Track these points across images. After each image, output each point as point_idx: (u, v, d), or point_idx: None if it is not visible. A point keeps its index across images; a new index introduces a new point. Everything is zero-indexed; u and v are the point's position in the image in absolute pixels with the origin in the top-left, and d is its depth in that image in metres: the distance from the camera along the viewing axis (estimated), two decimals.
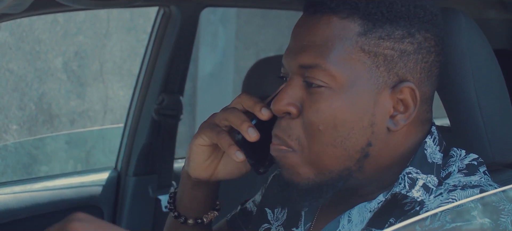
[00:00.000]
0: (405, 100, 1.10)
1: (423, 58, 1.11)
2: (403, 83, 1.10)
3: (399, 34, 1.09)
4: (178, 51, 2.35)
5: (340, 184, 1.12)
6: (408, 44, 1.09)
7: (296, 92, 1.12)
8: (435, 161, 1.14)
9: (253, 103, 1.17)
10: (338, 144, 1.10)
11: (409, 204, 1.11)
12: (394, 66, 1.09)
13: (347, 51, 1.09)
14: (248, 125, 1.15)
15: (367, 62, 1.09)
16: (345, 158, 1.11)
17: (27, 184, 2.36)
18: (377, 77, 1.09)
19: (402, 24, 1.09)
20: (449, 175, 1.13)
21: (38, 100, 4.34)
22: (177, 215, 1.28)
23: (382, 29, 1.09)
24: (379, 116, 1.10)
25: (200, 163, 1.22)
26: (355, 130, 1.10)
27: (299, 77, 1.12)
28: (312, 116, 1.10)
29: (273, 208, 1.29)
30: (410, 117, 1.11)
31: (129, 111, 2.44)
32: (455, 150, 1.16)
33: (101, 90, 4.61)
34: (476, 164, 1.14)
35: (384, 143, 1.11)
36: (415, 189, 1.11)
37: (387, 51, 1.09)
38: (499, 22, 2.45)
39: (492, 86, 1.24)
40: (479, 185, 1.10)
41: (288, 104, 1.12)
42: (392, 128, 1.11)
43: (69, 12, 3.61)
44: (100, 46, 4.59)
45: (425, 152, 1.13)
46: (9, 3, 1.27)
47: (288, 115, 1.12)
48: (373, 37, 1.09)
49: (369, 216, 1.13)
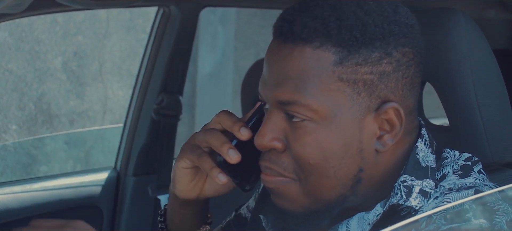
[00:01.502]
0: (390, 119, 1.08)
1: (404, 74, 1.08)
2: (386, 104, 1.07)
3: (376, 57, 1.05)
4: (177, 51, 2.35)
5: (337, 209, 1.11)
6: (386, 64, 1.06)
7: (278, 126, 1.09)
8: (429, 164, 1.12)
9: (231, 123, 1.14)
10: (331, 174, 1.08)
11: (405, 209, 1.10)
12: (375, 90, 1.06)
13: (324, 83, 1.05)
14: (228, 147, 1.12)
15: (347, 91, 1.06)
16: (340, 187, 1.09)
17: (26, 184, 2.36)
18: (359, 103, 1.06)
19: (378, 45, 1.05)
20: (444, 177, 1.12)
21: (38, 101, 4.34)
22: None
23: (359, 54, 1.05)
24: (366, 141, 1.08)
25: (185, 184, 1.21)
26: (345, 159, 1.07)
27: (279, 110, 1.09)
28: (299, 150, 1.07)
29: (268, 215, 1.29)
30: (397, 136, 1.09)
31: (129, 111, 2.44)
32: (448, 151, 1.14)
33: (100, 90, 4.61)
34: (470, 164, 1.13)
35: (374, 164, 1.10)
36: (412, 197, 1.09)
37: (366, 77, 1.05)
38: (499, 22, 2.45)
39: (492, 86, 1.24)
40: (474, 186, 1.09)
41: (272, 139, 1.09)
42: (380, 149, 1.09)
43: (68, 12, 3.61)
44: (99, 46, 4.58)
45: (417, 157, 1.12)
46: (8, 3, 1.27)
47: (274, 150, 1.10)
48: (350, 65, 1.05)
49: (368, 228, 1.11)
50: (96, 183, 2.38)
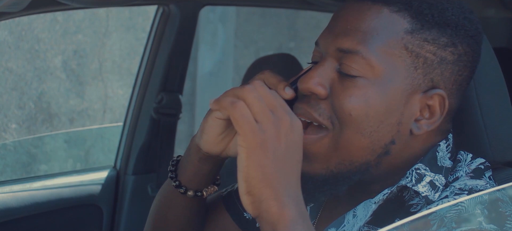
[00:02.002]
0: (433, 107, 1.10)
1: (459, 70, 1.11)
2: (435, 90, 1.09)
3: (443, 41, 1.09)
4: (177, 50, 2.35)
5: (356, 178, 1.12)
6: (449, 53, 1.09)
7: (327, 74, 1.10)
8: (444, 165, 1.13)
9: (276, 81, 1.14)
10: (367, 134, 1.09)
11: (415, 205, 1.10)
12: (431, 72, 1.09)
13: (390, 45, 1.08)
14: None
15: (407, 61, 1.08)
16: (369, 151, 1.10)
17: (26, 183, 2.36)
18: (413, 78, 1.09)
19: (449, 32, 1.09)
20: (456, 179, 1.13)
21: (37, 99, 4.34)
22: (177, 185, 1.26)
23: (429, 32, 1.08)
24: (406, 116, 1.09)
25: (214, 136, 1.18)
26: (384, 124, 1.09)
27: (334, 60, 1.10)
28: (344, 100, 1.08)
29: None
30: (434, 124, 1.11)
31: (128, 110, 2.44)
32: (462, 153, 1.16)
33: (100, 89, 4.61)
34: (483, 168, 1.14)
35: (404, 144, 1.11)
36: (421, 184, 1.10)
37: (428, 55, 1.08)
38: (499, 20, 2.45)
39: (492, 85, 1.24)
40: (485, 190, 1.10)
41: (318, 84, 1.10)
42: (415, 131, 1.10)
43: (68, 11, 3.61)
44: (99, 45, 4.58)
45: (436, 154, 1.13)
46: (8, 1, 1.27)
47: (315, 95, 1.10)
48: (418, 38, 1.08)
49: (374, 207, 1.12)
50: (96, 182, 2.38)
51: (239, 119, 1.01)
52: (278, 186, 0.99)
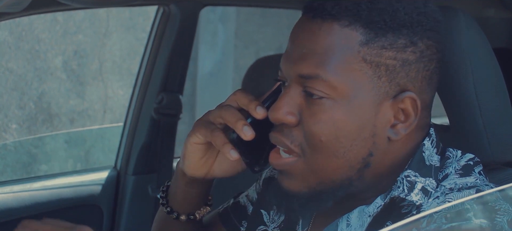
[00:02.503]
0: (406, 109, 1.09)
1: (425, 66, 1.09)
2: (405, 93, 1.08)
3: (401, 43, 1.07)
4: (177, 50, 2.35)
5: (340, 193, 1.12)
6: (410, 53, 1.08)
7: (295, 101, 1.10)
8: (433, 163, 1.13)
9: (248, 101, 1.15)
10: (340, 155, 1.09)
11: (406, 206, 1.10)
12: (396, 76, 1.08)
13: (348, 61, 1.07)
14: (243, 123, 1.13)
15: (369, 73, 1.07)
16: (347, 169, 1.10)
17: (26, 183, 2.36)
18: (379, 87, 1.07)
19: (405, 33, 1.07)
20: (446, 177, 1.12)
21: (38, 100, 4.34)
22: (169, 211, 1.28)
23: (385, 38, 1.06)
24: (380, 126, 1.09)
25: (195, 161, 1.21)
26: (357, 141, 1.08)
27: (298, 86, 1.10)
28: (313, 126, 1.08)
29: (269, 210, 1.29)
30: (411, 126, 1.10)
31: (129, 111, 2.44)
32: (451, 150, 1.15)
33: (100, 89, 4.61)
34: (472, 164, 1.14)
35: (384, 152, 1.10)
36: (414, 192, 1.10)
37: (389, 62, 1.07)
38: (499, 20, 2.45)
39: (492, 85, 1.24)
40: (475, 185, 1.10)
41: (287, 113, 1.10)
42: (392, 137, 1.10)
43: (68, 11, 3.61)
44: (99, 45, 4.58)
45: (423, 155, 1.13)
46: (8, 2, 1.27)
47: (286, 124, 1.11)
48: (375, 47, 1.06)
49: (369, 220, 1.12)
50: (96, 182, 2.38)
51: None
52: None
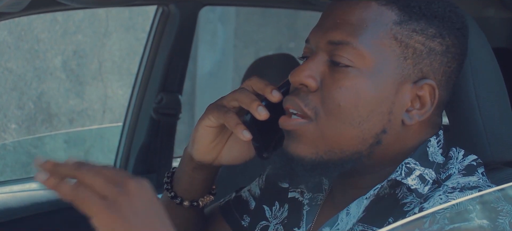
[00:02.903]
0: (423, 97, 1.11)
1: (448, 62, 1.12)
2: (425, 80, 1.11)
3: (431, 32, 1.10)
4: (177, 50, 2.35)
5: (348, 166, 1.12)
6: (438, 44, 1.11)
7: (318, 67, 1.12)
8: (436, 161, 1.14)
9: (263, 86, 1.16)
10: (356, 124, 1.10)
11: (408, 204, 1.11)
12: (421, 62, 1.10)
13: (380, 36, 1.10)
14: (258, 104, 1.14)
15: (397, 51, 1.10)
16: (359, 140, 1.11)
17: (26, 183, 2.36)
18: (403, 68, 1.10)
19: (436, 24, 1.11)
20: (448, 177, 1.13)
21: (37, 99, 4.34)
22: (173, 196, 1.27)
23: (417, 23, 1.10)
24: (397, 105, 1.11)
25: (205, 145, 1.20)
26: (374, 113, 1.10)
27: (325, 53, 1.12)
28: (334, 91, 1.10)
29: (271, 206, 1.29)
30: (425, 114, 1.11)
31: (128, 110, 2.44)
32: (454, 150, 1.16)
33: (100, 89, 4.61)
34: (475, 164, 1.14)
35: (396, 134, 1.12)
36: (411, 177, 1.11)
37: (417, 45, 1.10)
38: (499, 20, 2.45)
39: (491, 85, 1.24)
40: (478, 186, 1.10)
41: (308, 76, 1.11)
42: (406, 121, 1.11)
43: (68, 11, 3.61)
44: (99, 45, 4.59)
45: (427, 149, 1.14)
46: (8, 1, 1.27)
47: (305, 88, 1.12)
48: (407, 29, 1.10)
49: (365, 202, 1.13)
50: None
51: (85, 202, 0.99)
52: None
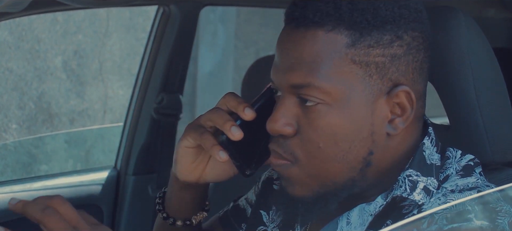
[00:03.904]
0: (401, 103, 1.10)
1: (414, 58, 1.10)
2: (398, 88, 1.09)
3: (387, 39, 1.07)
4: (177, 50, 2.35)
5: (345, 194, 1.12)
6: (397, 47, 1.08)
7: (291, 111, 1.10)
8: (434, 162, 1.13)
9: (236, 104, 1.15)
10: (340, 158, 1.09)
11: (407, 207, 1.11)
12: (387, 72, 1.08)
13: (337, 65, 1.07)
14: (231, 124, 1.13)
15: (359, 73, 1.07)
16: (348, 170, 1.10)
17: (26, 183, 2.36)
18: (371, 86, 1.08)
19: (389, 28, 1.07)
20: (447, 178, 1.12)
21: (38, 100, 4.34)
22: (165, 217, 1.28)
23: (370, 36, 1.07)
24: (377, 124, 1.09)
25: (186, 165, 1.21)
26: (356, 142, 1.09)
27: (292, 95, 1.10)
28: (311, 134, 1.09)
29: (268, 210, 1.29)
30: (408, 119, 1.10)
31: (129, 111, 2.44)
32: (451, 150, 1.15)
33: (100, 89, 4.61)
34: (472, 164, 1.14)
35: (384, 148, 1.11)
36: (416, 192, 1.10)
37: (378, 59, 1.07)
38: (499, 20, 2.45)
39: (492, 85, 1.24)
40: (476, 186, 1.10)
41: (284, 124, 1.10)
42: (391, 132, 1.10)
43: (68, 11, 3.62)
44: (99, 45, 4.59)
45: (423, 154, 1.13)
46: (8, 2, 1.27)
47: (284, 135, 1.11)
48: (362, 47, 1.07)
49: (370, 219, 1.12)
50: (96, 182, 2.38)
51: None
52: None
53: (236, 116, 1.16)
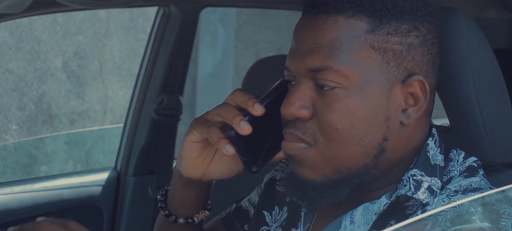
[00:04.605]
0: (415, 93, 1.12)
1: (428, 50, 1.12)
2: (413, 77, 1.11)
3: (405, 28, 1.10)
4: (177, 51, 2.35)
5: (357, 180, 1.13)
6: (414, 37, 1.11)
7: (306, 95, 1.11)
8: (438, 163, 1.14)
9: (246, 99, 1.16)
10: (357, 141, 1.10)
11: (411, 207, 1.11)
12: (403, 61, 1.10)
13: (356, 50, 1.09)
14: (240, 119, 1.14)
15: (377, 59, 1.10)
16: (363, 155, 1.11)
17: (26, 184, 2.36)
18: (388, 72, 1.10)
19: (407, 18, 1.10)
20: (450, 180, 1.13)
21: (38, 101, 4.34)
22: (167, 214, 1.28)
23: (389, 24, 1.10)
24: (392, 110, 1.11)
25: (191, 160, 1.21)
26: (372, 126, 1.10)
27: (308, 80, 1.11)
28: (328, 116, 1.10)
29: (271, 210, 1.29)
30: (421, 109, 1.12)
31: (129, 112, 2.44)
32: (454, 152, 1.16)
33: (100, 90, 4.61)
34: (476, 166, 1.15)
35: (398, 137, 1.12)
36: (420, 191, 1.11)
37: (395, 46, 1.10)
38: (499, 21, 2.45)
39: (492, 86, 1.24)
40: (480, 188, 1.10)
41: (300, 107, 1.11)
42: (405, 121, 1.12)
43: (68, 12, 3.62)
44: (99, 46, 4.59)
45: (428, 154, 1.14)
46: (8, 3, 1.27)
47: (300, 118, 1.12)
48: (381, 34, 1.09)
49: (374, 218, 1.13)
50: (96, 183, 2.38)
51: None
52: None
53: (244, 112, 1.16)
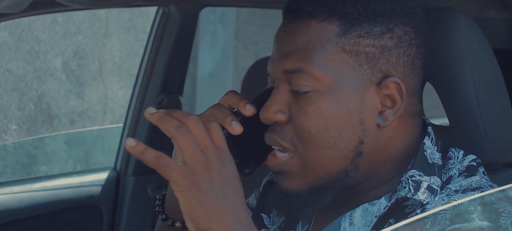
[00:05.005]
0: (392, 95, 1.11)
1: (405, 51, 1.12)
2: (388, 79, 1.11)
3: (378, 31, 1.10)
4: (177, 51, 2.35)
5: (338, 185, 1.13)
6: (388, 39, 1.10)
7: (283, 99, 1.13)
8: (435, 161, 1.14)
9: (238, 100, 1.17)
10: (331, 145, 1.11)
11: (410, 206, 1.11)
12: (377, 63, 1.10)
13: (328, 53, 1.10)
14: (231, 119, 1.14)
15: (350, 62, 1.10)
16: (340, 159, 1.11)
17: (26, 184, 2.36)
18: (361, 75, 1.10)
19: (380, 21, 1.10)
20: (450, 179, 1.13)
21: (38, 100, 4.34)
22: (164, 218, 1.28)
23: (361, 27, 1.10)
24: (367, 113, 1.11)
25: None
26: (346, 130, 1.10)
27: (285, 84, 1.13)
28: (302, 120, 1.11)
29: (269, 213, 1.29)
30: (399, 111, 1.12)
31: (129, 111, 2.44)
32: (453, 151, 1.16)
33: (100, 90, 4.61)
34: (475, 164, 1.14)
35: (375, 139, 1.12)
36: (420, 191, 1.11)
37: (368, 49, 1.10)
38: (499, 21, 2.45)
39: (492, 86, 1.24)
40: (480, 187, 1.10)
41: (276, 111, 1.13)
42: (381, 123, 1.12)
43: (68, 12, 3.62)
44: (99, 46, 4.59)
45: (425, 154, 1.14)
46: (8, 2, 1.27)
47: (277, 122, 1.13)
48: (352, 37, 1.10)
49: (375, 220, 1.13)
50: (96, 183, 2.38)
51: (167, 169, 1.03)
52: (224, 216, 1.02)
53: (237, 113, 1.17)
